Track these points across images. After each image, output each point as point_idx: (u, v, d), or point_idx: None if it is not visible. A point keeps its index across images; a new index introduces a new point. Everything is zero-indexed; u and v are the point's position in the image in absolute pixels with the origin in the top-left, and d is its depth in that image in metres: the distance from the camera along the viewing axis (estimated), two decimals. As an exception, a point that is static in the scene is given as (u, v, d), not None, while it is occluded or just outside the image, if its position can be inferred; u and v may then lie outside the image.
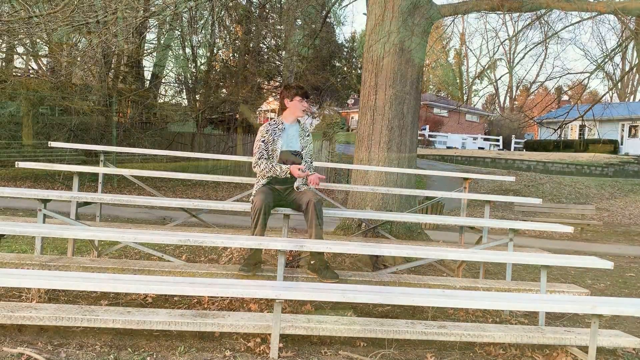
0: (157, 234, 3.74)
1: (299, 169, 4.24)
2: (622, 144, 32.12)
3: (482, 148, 35.36)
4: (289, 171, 4.27)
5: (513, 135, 35.91)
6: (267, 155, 4.38)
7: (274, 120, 4.52)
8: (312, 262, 4.15)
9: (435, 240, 7.37)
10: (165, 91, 21.18)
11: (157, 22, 18.40)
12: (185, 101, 21.29)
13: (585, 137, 33.43)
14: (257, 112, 29.10)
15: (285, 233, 4.49)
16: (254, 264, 4.09)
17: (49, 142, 5.85)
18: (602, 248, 10.17)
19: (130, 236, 3.68)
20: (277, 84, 23.68)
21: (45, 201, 4.20)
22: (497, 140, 36.47)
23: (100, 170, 5.44)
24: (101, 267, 3.97)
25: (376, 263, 5.24)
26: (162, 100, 20.43)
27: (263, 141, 4.37)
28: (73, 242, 4.78)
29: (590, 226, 12.75)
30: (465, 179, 6.07)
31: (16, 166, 4.99)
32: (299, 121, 4.59)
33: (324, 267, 4.10)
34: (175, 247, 6.16)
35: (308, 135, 4.59)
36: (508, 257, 4.18)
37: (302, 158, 4.44)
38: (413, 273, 5.07)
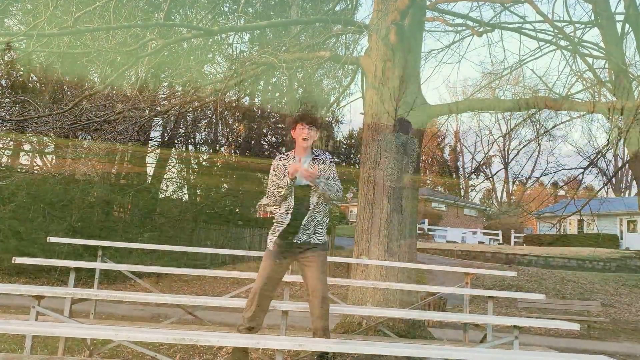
0: (151, 332, 3.63)
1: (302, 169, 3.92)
2: (622, 239, 32.10)
3: (482, 242, 35.23)
4: (289, 180, 3.97)
5: (512, 230, 35.94)
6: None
7: (286, 155, 4.24)
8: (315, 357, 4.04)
9: (439, 338, 7.14)
10: (167, 186, 21.46)
11: (161, 121, 19.08)
12: (187, 196, 21.49)
13: (585, 232, 33.48)
14: (257, 206, 29.31)
15: (283, 331, 4.36)
16: (242, 350, 4.03)
17: (48, 237, 5.85)
18: (612, 347, 9.82)
19: (124, 334, 3.57)
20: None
21: (39, 298, 4.12)
22: (497, 235, 36.45)
23: (98, 265, 5.39)
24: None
25: None
26: (162, 196, 20.63)
27: (275, 175, 4.11)
28: (64, 340, 4.63)
29: (597, 323, 12.37)
30: (467, 273, 6.01)
31: (13, 261, 4.95)
32: (312, 152, 4.24)
33: None
34: (170, 346, 5.95)
35: (323, 163, 4.18)
36: (515, 357, 4.03)
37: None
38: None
